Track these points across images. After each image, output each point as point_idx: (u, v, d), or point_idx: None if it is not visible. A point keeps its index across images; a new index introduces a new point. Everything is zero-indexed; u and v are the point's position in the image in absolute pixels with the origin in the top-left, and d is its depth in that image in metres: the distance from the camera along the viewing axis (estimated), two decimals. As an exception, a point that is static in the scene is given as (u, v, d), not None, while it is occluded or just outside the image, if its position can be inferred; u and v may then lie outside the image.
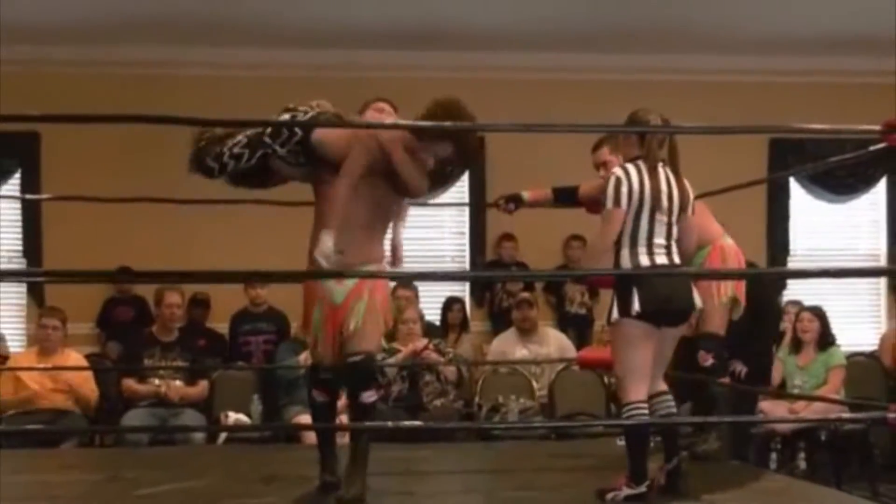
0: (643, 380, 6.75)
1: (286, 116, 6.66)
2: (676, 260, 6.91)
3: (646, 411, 6.72)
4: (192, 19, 12.61)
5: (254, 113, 7.05)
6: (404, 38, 12.64)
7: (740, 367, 8.91)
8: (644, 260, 6.74)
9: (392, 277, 10.95)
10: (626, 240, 6.77)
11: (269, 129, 6.56)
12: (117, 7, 12.52)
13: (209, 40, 12.83)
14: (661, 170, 6.83)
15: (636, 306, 6.56)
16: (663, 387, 7.05)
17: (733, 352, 8.88)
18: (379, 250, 6.80)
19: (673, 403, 7.02)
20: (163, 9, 12.39)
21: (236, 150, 6.58)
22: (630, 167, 6.79)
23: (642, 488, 6.63)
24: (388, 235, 7.03)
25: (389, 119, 6.79)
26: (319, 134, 6.51)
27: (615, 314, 6.73)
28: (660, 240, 6.77)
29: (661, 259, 6.77)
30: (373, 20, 12.67)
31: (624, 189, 6.70)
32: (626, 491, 6.63)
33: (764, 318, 9.35)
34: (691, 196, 7.03)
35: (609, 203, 6.75)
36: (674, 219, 6.84)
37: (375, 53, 12.55)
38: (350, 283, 6.48)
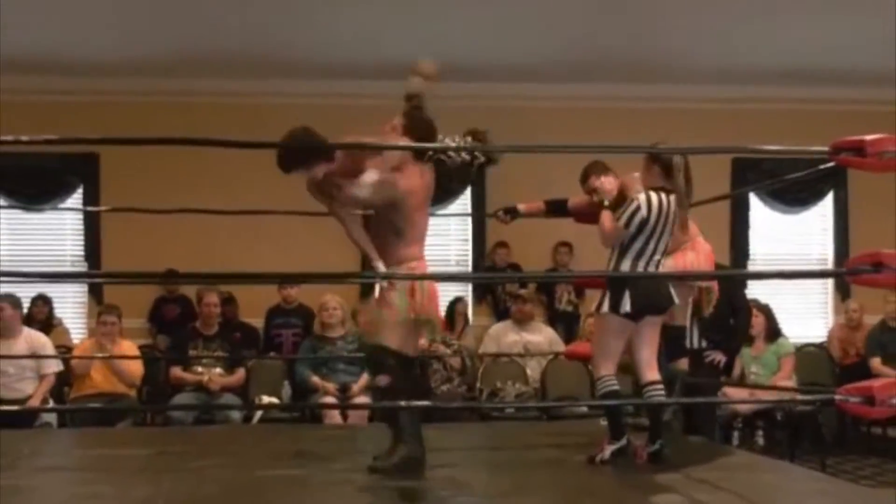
0: (612, 360, 7.03)
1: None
2: (663, 263, 7.07)
3: (614, 382, 6.96)
4: (223, 55, 12.64)
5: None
6: (404, 69, 12.65)
7: (719, 357, 8.90)
8: (641, 270, 6.90)
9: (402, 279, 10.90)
10: (631, 254, 6.89)
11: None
12: (163, 45, 12.56)
13: (240, 74, 12.85)
14: (666, 195, 6.92)
15: (626, 307, 6.73)
16: (655, 376, 7.10)
17: (715, 344, 8.89)
18: None
19: (663, 392, 7.08)
20: (196, 47, 12.44)
21: None
22: (654, 197, 6.86)
23: (623, 441, 6.81)
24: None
25: None
26: None
27: (605, 308, 6.89)
28: (658, 256, 6.93)
29: (653, 269, 6.92)
30: (390, 55, 12.68)
31: (637, 219, 6.80)
32: (609, 448, 6.78)
33: (739, 315, 9.36)
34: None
35: (622, 220, 6.84)
36: (670, 236, 6.98)
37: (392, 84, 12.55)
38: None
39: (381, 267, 6.54)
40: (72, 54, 12.69)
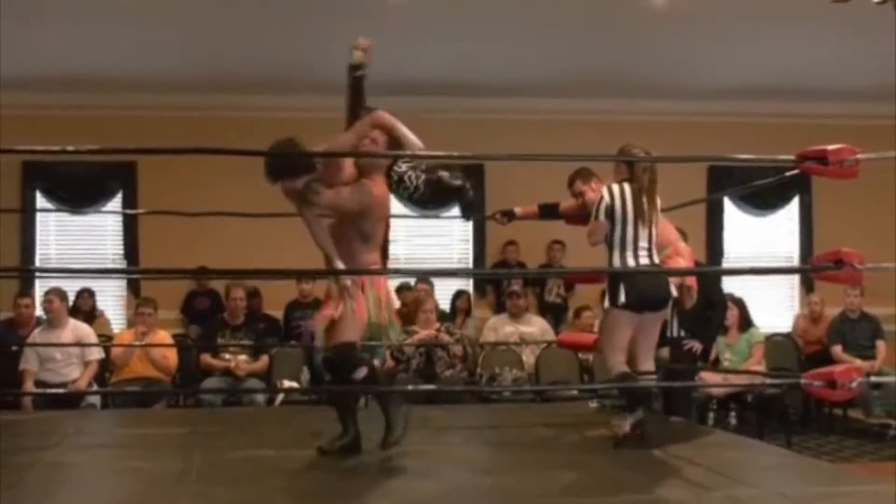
0: (621, 352, 6.98)
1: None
2: (656, 259, 7.07)
3: (625, 365, 6.96)
4: (247, 75, 12.66)
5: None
6: (418, 86, 12.62)
7: (697, 346, 8.88)
8: (630, 261, 6.89)
9: (414, 274, 10.85)
10: (616, 247, 6.93)
11: None
12: (193, 66, 12.58)
13: (262, 90, 12.85)
14: (643, 190, 6.97)
15: (622, 298, 6.75)
16: (651, 366, 7.19)
17: (693, 333, 8.89)
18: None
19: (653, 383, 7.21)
20: (222, 68, 12.47)
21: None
22: (615, 187, 6.96)
23: (639, 413, 6.75)
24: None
25: None
26: None
27: (606, 304, 6.94)
28: (643, 243, 6.92)
29: (644, 260, 6.92)
30: (392, 71, 12.70)
31: (603, 207, 6.90)
32: (627, 421, 6.74)
33: (715, 308, 9.36)
34: (659, 210, 7.15)
35: (594, 215, 6.97)
36: (653, 227, 6.97)
37: (408, 100, 12.53)
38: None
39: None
40: (112, 74, 12.71)
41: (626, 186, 6.99)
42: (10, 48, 11.98)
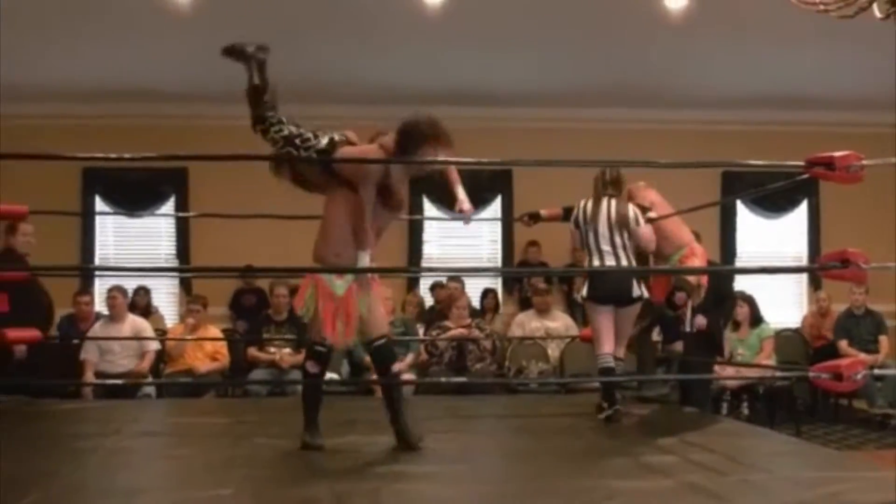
0: (607, 339, 7.46)
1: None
2: (624, 262, 7.41)
3: (609, 360, 7.45)
4: (285, 84, 12.65)
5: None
6: (446, 96, 12.64)
7: (701, 320, 8.82)
8: (595, 261, 7.45)
9: (444, 272, 10.80)
10: (584, 248, 7.63)
11: (308, 134, 6.27)
12: (234, 77, 12.59)
13: (299, 99, 12.87)
14: (604, 200, 7.53)
15: (584, 292, 7.50)
16: (620, 354, 7.61)
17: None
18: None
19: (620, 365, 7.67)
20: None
21: (275, 129, 6.53)
22: (582, 201, 7.65)
23: (616, 407, 7.33)
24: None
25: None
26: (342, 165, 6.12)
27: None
28: (606, 247, 7.41)
29: (609, 260, 7.39)
30: (424, 82, 12.73)
31: (572, 217, 7.65)
32: (605, 413, 7.31)
33: (723, 300, 9.36)
34: (632, 215, 7.50)
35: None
36: (615, 231, 7.41)
37: (437, 108, 12.50)
38: (350, 279, 6.07)
39: (367, 259, 6.12)
40: (165, 87, 12.79)
41: (590, 201, 7.57)
42: (71, 64, 12.12)
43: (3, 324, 8.77)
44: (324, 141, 6.18)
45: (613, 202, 7.49)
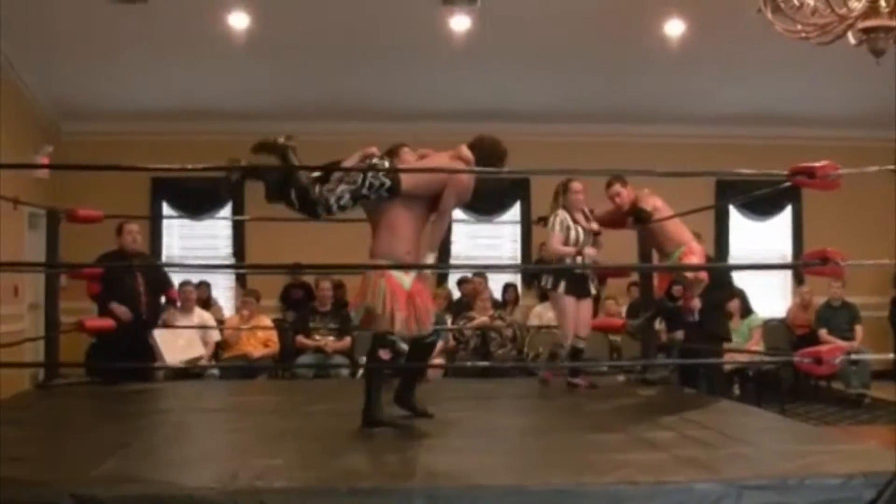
0: (572, 326, 7.92)
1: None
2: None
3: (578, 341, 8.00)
4: (326, 103, 12.76)
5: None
6: (471, 113, 12.69)
7: (696, 303, 8.75)
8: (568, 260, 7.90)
9: (470, 268, 10.79)
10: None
11: (367, 182, 5.83)
12: (283, 95, 12.72)
13: (337, 117, 12.92)
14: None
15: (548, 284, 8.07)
16: (582, 334, 8.03)
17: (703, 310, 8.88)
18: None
19: (583, 347, 8.08)
20: (308, 97, 12.58)
21: (343, 202, 5.91)
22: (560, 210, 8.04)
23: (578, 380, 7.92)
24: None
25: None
26: (408, 181, 5.90)
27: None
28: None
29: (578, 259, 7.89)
30: (450, 102, 12.79)
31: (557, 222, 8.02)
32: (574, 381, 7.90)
33: (719, 290, 9.32)
34: (593, 227, 8.07)
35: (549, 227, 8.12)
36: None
37: (457, 125, 12.52)
38: (413, 275, 5.95)
39: (432, 257, 6.15)
40: (221, 106, 12.92)
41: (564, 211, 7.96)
42: (143, 88, 12.29)
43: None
44: (387, 182, 5.90)
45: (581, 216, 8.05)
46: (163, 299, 9.57)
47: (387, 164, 5.99)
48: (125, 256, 9.02)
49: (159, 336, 9.66)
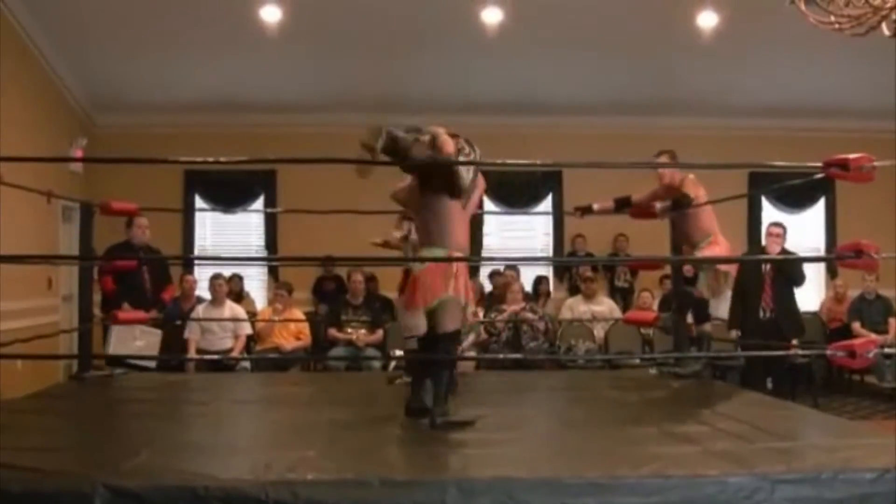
0: None
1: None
2: None
3: None
4: (364, 96, 12.77)
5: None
6: (505, 106, 12.68)
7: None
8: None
9: (502, 261, 10.76)
10: None
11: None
12: (319, 89, 12.73)
13: (376, 109, 12.94)
14: None
15: None
16: None
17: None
18: None
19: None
20: (346, 89, 12.60)
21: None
22: None
23: None
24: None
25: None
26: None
27: None
28: None
29: None
30: (484, 93, 12.79)
31: None
32: None
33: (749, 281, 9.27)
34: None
35: None
36: None
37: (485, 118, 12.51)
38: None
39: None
40: (256, 98, 12.94)
41: None
42: (177, 81, 12.35)
43: (115, 305, 8.93)
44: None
45: None
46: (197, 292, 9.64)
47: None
48: (132, 249, 9.09)
49: (116, 332, 9.35)
